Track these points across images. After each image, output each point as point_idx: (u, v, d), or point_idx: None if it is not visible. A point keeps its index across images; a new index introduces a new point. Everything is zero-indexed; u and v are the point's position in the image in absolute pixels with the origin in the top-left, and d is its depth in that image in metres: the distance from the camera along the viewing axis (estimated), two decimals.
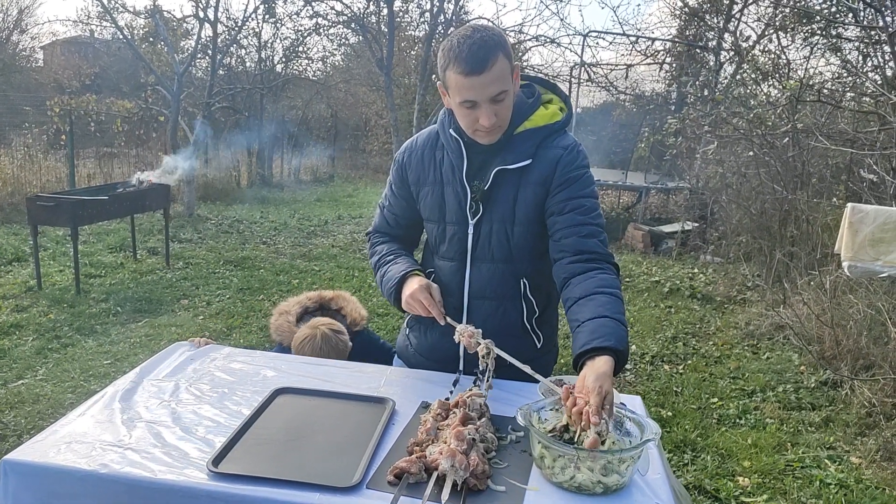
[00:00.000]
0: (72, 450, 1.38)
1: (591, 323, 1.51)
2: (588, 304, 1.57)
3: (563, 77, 12.29)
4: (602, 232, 1.73)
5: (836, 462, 3.51)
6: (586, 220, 1.71)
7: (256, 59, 15.81)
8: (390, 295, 1.82)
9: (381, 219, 2.03)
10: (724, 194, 7.99)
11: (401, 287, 1.79)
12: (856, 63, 7.58)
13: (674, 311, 6.30)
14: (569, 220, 1.71)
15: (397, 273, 1.81)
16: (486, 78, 1.58)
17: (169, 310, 5.71)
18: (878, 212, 3.37)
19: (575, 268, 1.67)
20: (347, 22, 12.59)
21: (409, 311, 1.80)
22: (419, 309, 1.74)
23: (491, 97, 1.61)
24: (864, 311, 4.58)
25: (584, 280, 1.63)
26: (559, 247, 1.72)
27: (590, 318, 1.52)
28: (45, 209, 5.79)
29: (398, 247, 1.97)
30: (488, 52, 1.57)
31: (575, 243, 1.69)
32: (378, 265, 1.93)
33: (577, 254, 1.68)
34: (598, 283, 1.61)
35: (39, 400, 3.91)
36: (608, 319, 1.51)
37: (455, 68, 1.59)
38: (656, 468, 1.40)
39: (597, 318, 1.51)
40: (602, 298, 1.57)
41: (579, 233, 1.70)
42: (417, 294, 1.73)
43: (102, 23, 14.33)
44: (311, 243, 8.96)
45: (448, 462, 1.29)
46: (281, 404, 1.64)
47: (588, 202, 1.73)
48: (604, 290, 1.59)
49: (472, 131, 1.71)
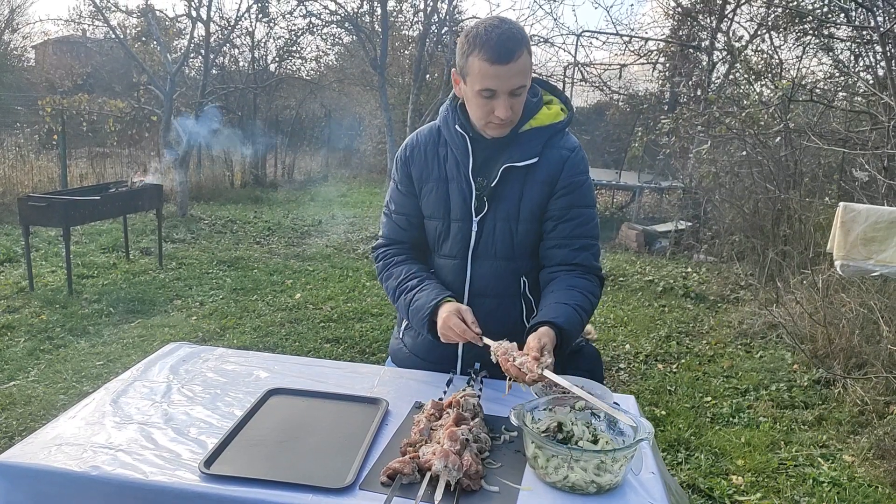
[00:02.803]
0: (63, 452, 1.37)
1: (548, 308, 1.64)
2: (554, 295, 1.69)
3: (557, 77, 12.30)
4: (595, 244, 1.79)
5: (829, 460, 3.53)
6: (582, 233, 1.77)
7: (250, 59, 15.76)
8: (423, 326, 1.75)
9: (390, 226, 1.94)
10: (717, 194, 8.02)
11: (433, 317, 1.72)
12: (848, 63, 7.62)
13: (667, 311, 6.31)
14: (566, 229, 1.76)
15: (428, 302, 1.73)
16: (512, 69, 1.59)
17: (162, 310, 5.68)
18: (870, 211, 3.38)
19: (561, 274, 1.76)
20: (341, 21, 12.58)
21: (446, 341, 1.72)
22: (454, 337, 1.67)
23: (511, 89, 1.62)
24: (857, 310, 4.60)
25: (564, 280, 1.74)
26: (551, 254, 1.78)
27: (551, 302, 1.66)
28: (37, 209, 5.76)
29: (418, 268, 1.87)
30: (516, 44, 1.59)
31: (567, 255, 1.76)
32: (399, 291, 1.83)
33: (567, 264, 1.76)
34: (575, 283, 1.72)
35: (31, 401, 3.89)
36: (566, 306, 1.62)
37: (481, 55, 1.59)
38: (649, 467, 1.41)
39: (556, 304, 1.63)
40: (572, 293, 1.68)
41: (572, 245, 1.75)
42: (449, 321, 1.66)
43: (94, 22, 14.27)
44: (305, 243, 8.94)
45: (441, 462, 1.29)
46: (274, 405, 1.63)
47: (587, 212, 1.79)
48: (576, 288, 1.69)
49: (485, 123, 1.71)
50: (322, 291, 6.44)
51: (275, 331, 5.27)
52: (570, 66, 11.72)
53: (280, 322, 5.49)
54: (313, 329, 5.35)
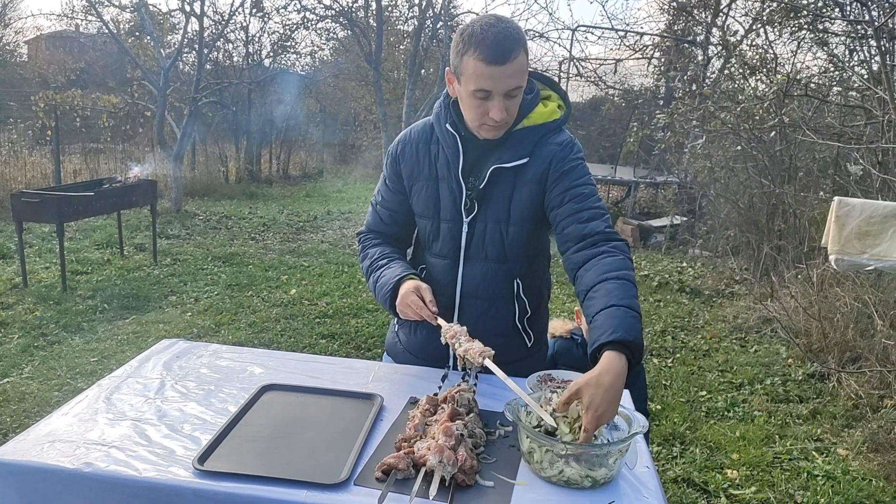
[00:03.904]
0: (56, 448, 1.36)
1: (600, 316, 1.46)
2: (596, 295, 1.52)
3: (553, 72, 12.30)
4: (603, 213, 1.68)
5: (823, 454, 3.54)
6: (584, 206, 1.67)
7: (244, 54, 15.70)
8: (385, 302, 1.75)
9: (374, 216, 1.95)
10: (712, 188, 8.03)
11: (395, 293, 1.72)
12: (842, 57, 7.63)
13: (663, 305, 6.32)
14: (568, 209, 1.68)
15: (391, 278, 1.74)
16: (508, 70, 1.55)
17: (156, 306, 5.67)
18: (865, 205, 3.38)
19: (580, 256, 1.63)
20: (336, 16, 12.53)
21: (403, 318, 1.74)
22: (410, 314, 1.68)
23: (507, 91, 1.58)
24: (851, 304, 4.62)
25: (591, 269, 1.58)
26: (563, 237, 1.69)
27: (600, 309, 1.47)
28: (31, 205, 5.73)
29: (391, 249, 1.89)
30: (513, 44, 1.54)
31: (576, 230, 1.65)
32: (370, 270, 1.85)
33: (581, 240, 1.64)
34: (604, 268, 1.56)
35: (25, 398, 3.87)
36: (616, 308, 1.45)
37: (476, 55, 1.54)
38: (644, 461, 1.41)
39: (605, 309, 1.46)
40: (608, 286, 1.51)
41: (579, 219, 1.66)
42: (407, 297, 1.67)
43: (87, 17, 14.15)
44: (300, 239, 8.92)
45: (436, 458, 1.28)
46: (268, 401, 1.62)
47: (585, 189, 1.69)
48: (609, 277, 1.53)
49: (479, 125, 1.67)
50: (317, 287, 6.43)
51: (270, 327, 5.27)
52: (566, 60, 11.72)
53: (275, 318, 5.48)
54: (308, 325, 5.34)
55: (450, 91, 1.72)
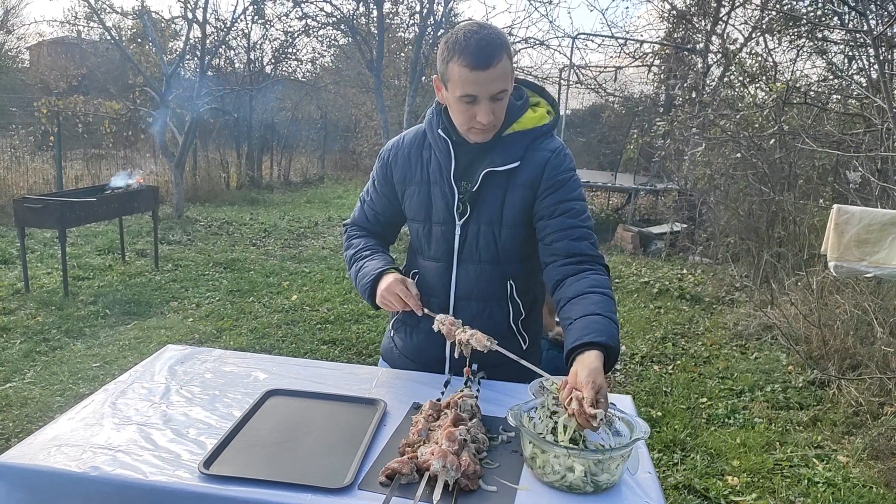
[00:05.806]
0: (62, 452, 1.37)
1: (582, 320, 1.52)
2: (580, 302, 1.58)
3: (553, 79, 12.33)
4: (592, 234, 1.74)
5: (823, 461, 3.55)
6: (576, 224, 1.72)
7: (245, 61, 15.75)
8: (364, 290, 1.80)
9: (360, 213, 2.01)
10: (712, 196, 8.05)
11: (376, 284, 1.77)
12: (841, 66, 7.66)
13: (663, 312, 6.33)
14: (559, 223, 1.72)
15: (374, 269, 1.80)
16: (491, 74, 1.59)
17: (158, 312, 5.68)
18: (864, 213, 3.41)
19: (567, 269, 1.68)
20: (337, 23, 12.57)
21: (383, 307, 1.78)
22: (395, 303, 1.73)
23: (492, 94, 1.62)
24: (851, 311, 4.63)
25: (577, 280, 1.64)
26: (550, 250, 1.73)
27: (581, 315, 1.54)
28: (33, 211, 5.75)
29: (375, 242, 1.95)
30: (495, 49, 1.58)
31: (566, 247, 1.70)
32: (353, 259, 1.91)
33: (569, 256, 1.69)
34: (591, 283, 1.63)
35: (28, 403, 3.88)
36: (599, 317, 1.52)
37: (460, 61, 1.58)
38: (646, 467, 1.42)
39: (588, 316, 1.53)
40: (594, 297, 1.58)
41: (570, 236, 1.70)
42: (393, 287, 1.72)
43: (90, 23, 14.19)
44: (301, 245, 8.94)
45: (439, 462, 1.29)
46: (272, 406, 1.64)
47: (577, 205, 1.74)
48: (595, 290, 1.60)
49: (467, 129, 1.71)
50: (318, 293, 6.44)
51: (271, 332, 5.27)
52: (566, 68, 11.75)
53: (277, 324, 5.49)
54: (310, 331, 5.35)
55: (438, 98, 1.76)
